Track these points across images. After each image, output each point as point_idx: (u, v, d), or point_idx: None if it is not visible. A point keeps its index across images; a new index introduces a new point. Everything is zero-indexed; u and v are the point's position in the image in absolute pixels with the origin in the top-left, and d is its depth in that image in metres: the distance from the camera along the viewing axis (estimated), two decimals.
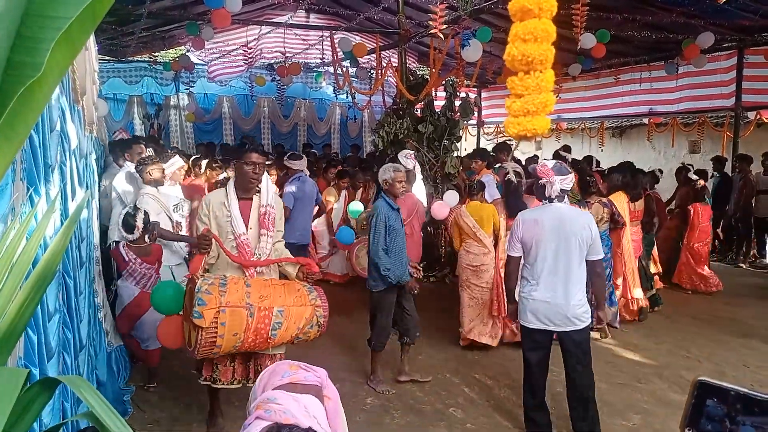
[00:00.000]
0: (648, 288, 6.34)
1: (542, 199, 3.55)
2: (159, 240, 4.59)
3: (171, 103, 13.18)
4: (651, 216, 6.49)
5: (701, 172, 7.61)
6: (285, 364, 2.02)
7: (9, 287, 1.03)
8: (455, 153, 8.32)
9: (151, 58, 12.47)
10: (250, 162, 3.42)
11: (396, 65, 9.13)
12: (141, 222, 4.23)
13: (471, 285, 5.24)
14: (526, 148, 14.27)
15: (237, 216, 3.43)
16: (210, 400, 3.74)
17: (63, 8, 0.68)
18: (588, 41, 7.74)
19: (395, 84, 9.13)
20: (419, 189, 6.37)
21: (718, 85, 10.11)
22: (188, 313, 3.07)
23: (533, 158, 8.93)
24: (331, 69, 11.80)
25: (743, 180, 8.90)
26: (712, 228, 7.84)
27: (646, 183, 6.92)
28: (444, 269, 7.89)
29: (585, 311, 3.48)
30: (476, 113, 13.74)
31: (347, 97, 12.19)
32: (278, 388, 1.87)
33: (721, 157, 9.58)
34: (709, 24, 8.37)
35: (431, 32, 7.17)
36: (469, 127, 14.68)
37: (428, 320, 5.60)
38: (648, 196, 6.55)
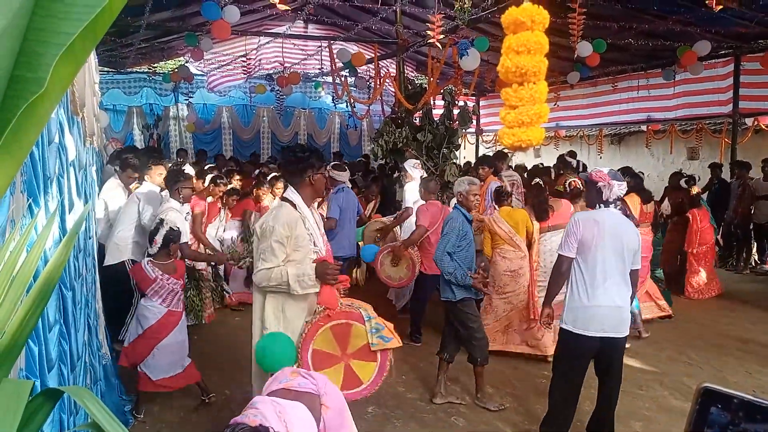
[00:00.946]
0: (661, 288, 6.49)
1: (597, 204, 3.53)
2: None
3: (170, 114, 13.23)
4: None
5: (690, 179, 7.63)
6: (287, 371, 2.05)
7: (10, 299, 1.03)
8: (454, 161, 8.34)
9: (151, 69, 12.53)
10: (325, 172, 3.33)
11: (394, 74, 9.18)
12: (161, 237, 4.02)
13: (507, 293, 5.22)
14: (525, 156, 14.28)
15: (316, 231, 3.17)
16: None
17: (66, 24, 0.69)
18: (585, 50, 7.77)
19: (394, 93, 9.18)
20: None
21: (716, 92, 10.17)
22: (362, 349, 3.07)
23: (539, 166, 8.97)
24: (330, 79, 11.86)
25: (742, 186, 8.92)
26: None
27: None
28: None
29: (629, 317, 3.49)
30: (474, 121, 13.79)
31: (346, 107, 12.24)
32: (272, 393, 1.91)
33: (718, 164, 9.61)
34: (706, 31, 8.42)
35: (429, 42, 7.22)
36: (468, 136, 14.72)
37: (435, 326, 5.57)
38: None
